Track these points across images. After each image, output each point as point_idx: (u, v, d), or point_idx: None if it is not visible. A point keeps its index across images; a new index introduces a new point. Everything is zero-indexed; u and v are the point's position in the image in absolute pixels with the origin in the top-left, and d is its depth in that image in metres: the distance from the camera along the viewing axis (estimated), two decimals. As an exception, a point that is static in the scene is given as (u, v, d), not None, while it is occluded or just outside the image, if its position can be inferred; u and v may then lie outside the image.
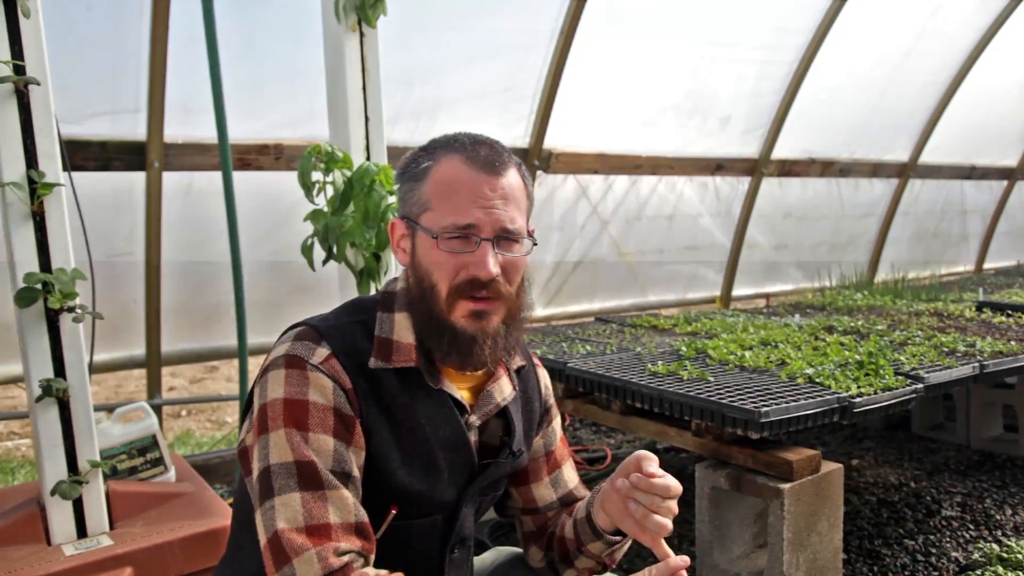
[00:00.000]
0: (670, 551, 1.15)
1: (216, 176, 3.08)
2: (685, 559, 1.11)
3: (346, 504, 1.09)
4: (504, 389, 1.31)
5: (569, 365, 2.68)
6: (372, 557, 1.11)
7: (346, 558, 1.05)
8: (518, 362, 1.38)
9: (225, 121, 2.78)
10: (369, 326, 1.22)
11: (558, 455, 1.45)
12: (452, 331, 1.18)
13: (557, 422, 1.48)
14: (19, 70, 1.89)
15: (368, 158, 2.43)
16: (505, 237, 1.18)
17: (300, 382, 1.13)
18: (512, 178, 1.20)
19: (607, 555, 1.31)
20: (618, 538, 1.29)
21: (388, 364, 1.19)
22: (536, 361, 1.46)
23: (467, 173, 1.17)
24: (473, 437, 1.27)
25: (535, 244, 1.23)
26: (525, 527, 1.44)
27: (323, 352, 1.16)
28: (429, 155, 1.22)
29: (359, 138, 2.41)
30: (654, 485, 1.13)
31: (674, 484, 1.15)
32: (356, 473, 1.13)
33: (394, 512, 1.19)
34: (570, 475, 1.46)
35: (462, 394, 1.26)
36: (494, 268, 1.15)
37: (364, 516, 1.11)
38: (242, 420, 1.27)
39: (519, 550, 1.49)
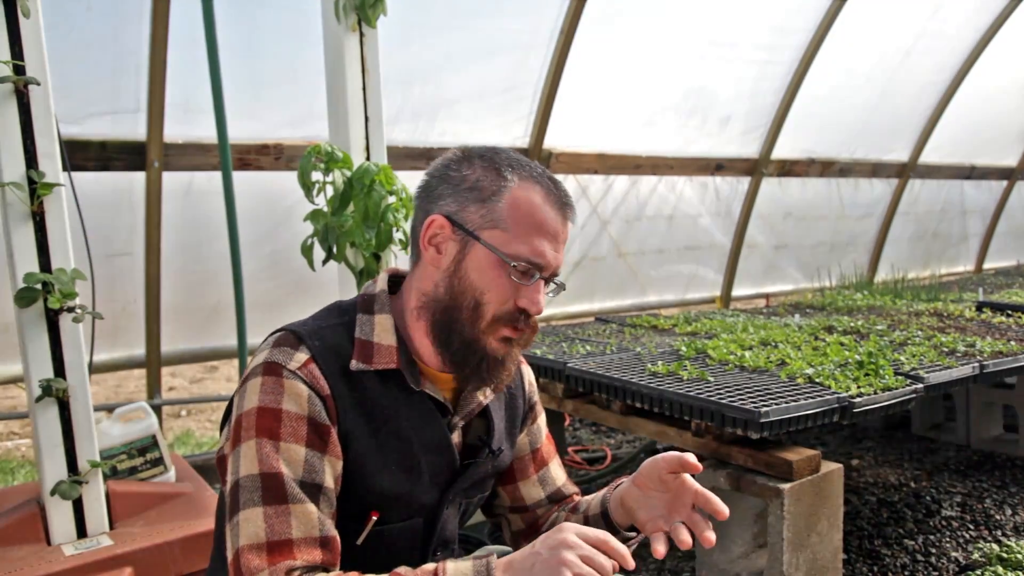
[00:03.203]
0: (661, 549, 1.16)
1: (216, 176, 3.08)
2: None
3: (310, 519, 1.08)
4: (486, 388, 1.30)
5: (569, 365, 2.68)
6: (335, 569, 1.10)
7: (296, 573, 1.05)
8: None
9: (225, 121, 2.78)
10: (350, 328, 1.22)
11: (544, 452, 1.45)
12: (483, 353, 1.18)
13: (542, 419, 1.47)
14: (19, 70, 1.89)
15: (368, 158, 2.43)
16: (552, 278, 1.21)
17: (275, 390, 1.12)
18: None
19: None
20: (633, 534, 1.29)
21: (369, 366, 1.18)
22: (519, 358, 1.45)
23: (551, 212, 1.18)
24: (456, 438, 1.27)
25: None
26: (514, 526, 1.45)
27: (302, 357, 1.15)
28: (503, 176, 1.18)
29: (359, 138, 2.42)
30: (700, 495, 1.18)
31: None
32: (329, 483, 1.12)
33: (375, 518, 1.18)
34: (557, 472, 1.46)
35: (444, 395, 1.25)
36: (544, 307, 1.18)
37: (330, 530, 1.10)
38: (222, 427, 1.27)
39: (508, 548, 1.48)
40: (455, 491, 1.27)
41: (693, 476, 1.19)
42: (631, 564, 1.02)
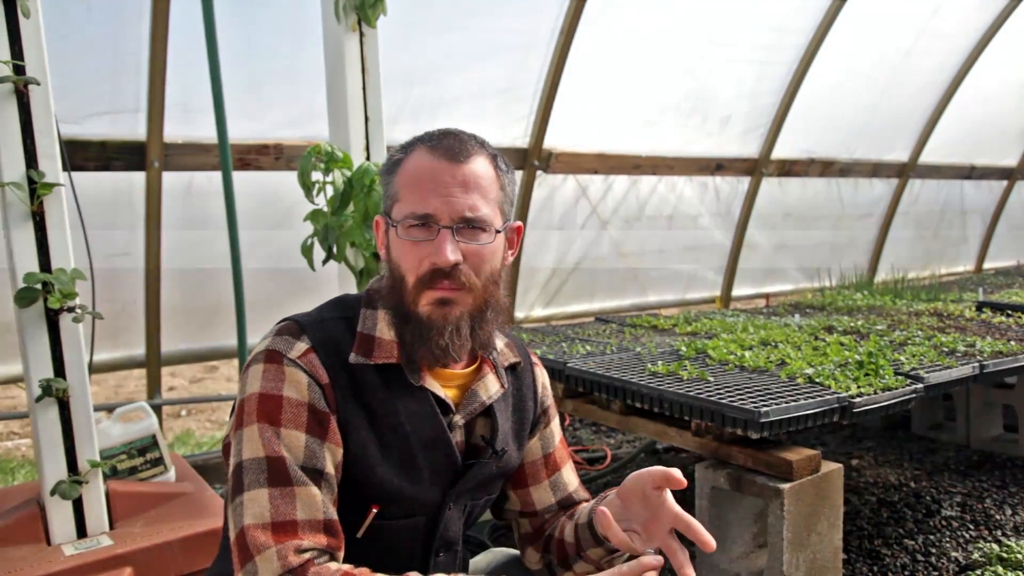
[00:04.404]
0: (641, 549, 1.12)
1: (216, 176, 3.08)
2: (659, 558, 1.05)
3: (314, 501, 1.09)
4: (490, 387, 1.29)
5: (569, 365, 2.68)
6: (340, 555, 1.11)
7: (307, 555, 1.05)
8: (511, 359, 1.36)
9: (225, 121, 2.78)
10: (353, 322, 1.23)
11: (557, 457, 1.43)
12: (416, 319, 1.18)
13: (556, 423, 1.45)
14: (19, 70, 1.89)
15: (368, 158, 2.43)
16: (467, 226, 1.16)
17: (276, 377, 1.14)
18: (477, 166, 1.18)
19: (606, 561, 1.29)
20: (618, 551, 1.27)
21: (368, 360, 1.19)
22: (535, 360, 1.44)
23: (429, 162, 1.18)
24: (457, 437, 1.26)
25: (502, 234, 1.21)
26: (522, 529, 1.43)
27: (302, 346, 1.16)
28: (403, 150, 1.23)
29: (359, 138, 2.42)
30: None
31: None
32: (330, 470, 1.13)
33: (375, 511, 1.18)
34: (570, 477, 1.44)
35: (447, 392, 1.25)
36: (452, 255, 1.14)
37: (333, 514, 1.11)
38: (231, 415, 1.27)
39: (515, 551, 1.47)
40: (458, 491, 1.26)
41: (676, 492, 1.14)
42: None
